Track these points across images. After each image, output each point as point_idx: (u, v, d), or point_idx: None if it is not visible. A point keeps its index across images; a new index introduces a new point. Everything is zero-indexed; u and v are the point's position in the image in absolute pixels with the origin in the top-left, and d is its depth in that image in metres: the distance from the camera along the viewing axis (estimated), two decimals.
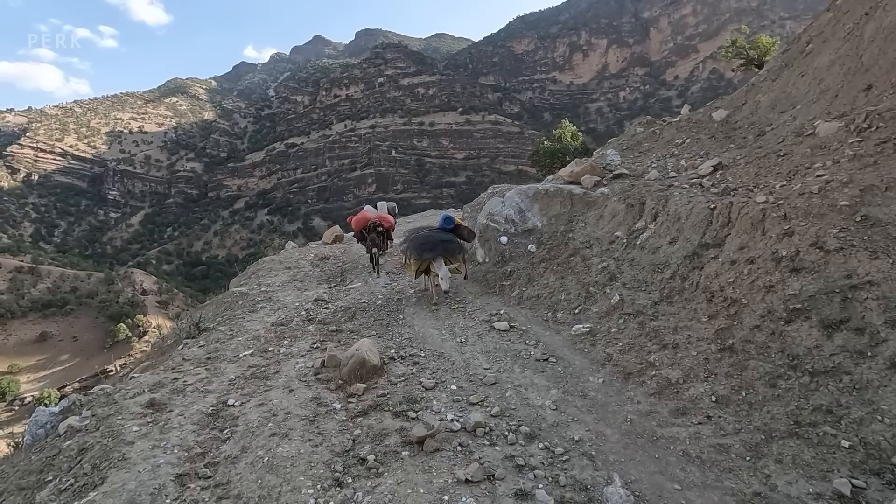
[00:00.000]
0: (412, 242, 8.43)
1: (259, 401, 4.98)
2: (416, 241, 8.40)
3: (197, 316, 8.42)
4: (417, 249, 8.20)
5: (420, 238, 8.42)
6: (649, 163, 9.92)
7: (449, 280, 7.87)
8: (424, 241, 8.27)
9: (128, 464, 3.90)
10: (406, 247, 8.59)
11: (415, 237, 8.56)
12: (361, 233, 10.41)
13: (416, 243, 8.31)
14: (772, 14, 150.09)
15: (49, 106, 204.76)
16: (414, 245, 8.33)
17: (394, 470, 3.79)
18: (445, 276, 7.79)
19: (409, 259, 8.58)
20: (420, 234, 8.59)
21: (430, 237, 8.35)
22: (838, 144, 6.31)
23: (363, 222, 10.27)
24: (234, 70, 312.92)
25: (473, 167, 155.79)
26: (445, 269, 7.89)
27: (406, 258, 8.79)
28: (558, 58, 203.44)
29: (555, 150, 20.28)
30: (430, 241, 8.21)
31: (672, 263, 6.26)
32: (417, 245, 8.26)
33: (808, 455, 3.54)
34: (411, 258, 8.46)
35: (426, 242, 8.20)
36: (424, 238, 8.36)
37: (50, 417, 5.26)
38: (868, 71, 7.65)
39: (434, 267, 8.03)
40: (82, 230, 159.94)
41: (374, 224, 10.16)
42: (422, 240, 8.32)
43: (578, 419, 4.46)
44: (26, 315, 70.73)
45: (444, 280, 7.74)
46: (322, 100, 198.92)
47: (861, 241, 4.51)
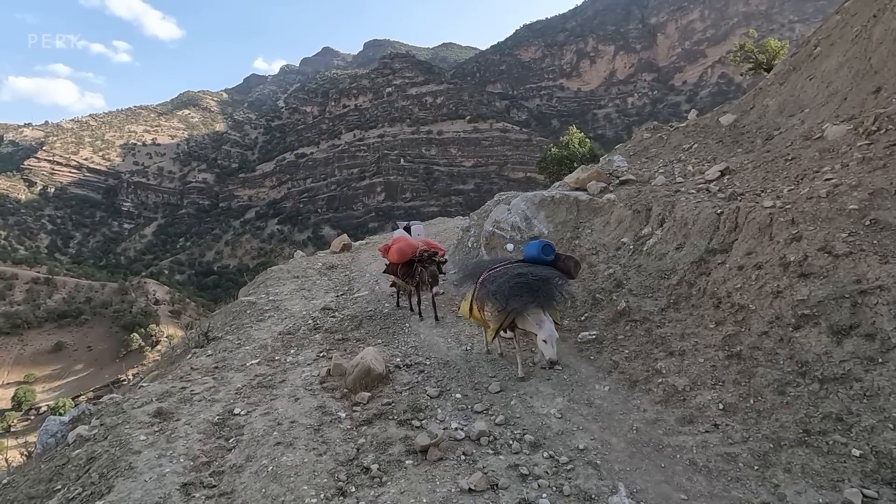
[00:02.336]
0: (492, 283, 5.46)
1: (265, 409, 5.00)
2: (497, 280, 5.44)
3: (206, 325, 8.50)
4: (501, 294, 5.25)
5: (505, 276, 5.44)
6: (656, 168, 9.88)
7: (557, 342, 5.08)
8: (513, 280, 5.29)
9: (134, 473, 3.93)
10: (480, 289, 5.64)
11: (494, 274, 5.58)
12: (407, 267, 7.73)
13: (500, 284, 5.35)
14: (780, 17, 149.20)
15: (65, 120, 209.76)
16: (496, 287, 5.36)
17: (397, 479, 3.78)
18: (552, 337, 4.93)
19: (484, 308, 5.59)
20: (503, 270, 5.58)
21: (521, 275, 5.34)
22: (847, 148, 6.24)
23: (411, 251, 7.62)
24: (245, 82, 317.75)
25: (482, 175, 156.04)
26: (551, 327, 5.05)
27: (476, 305, 5.71)
28: (565, 65, 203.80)
29: (562, 156, 20.25)
30: (523, 282, 5.25)
31: (679, 269, 6.20)
32: (502, 287, 5.30)
33: (817, 464, 3.47)
34: (488, 306, 5.49)
35: (518, 284, 5.24)
36: (513, 276, 5.35)
37: (60, 427, 5.33)
38: (877, 73, 7.57)
39: (529, 321, 5.16)
40: (97, 241, 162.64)
41: (430, 253, 7.38)
42: (508, 279, 5.35)
43: (584, 428, 4.42)
44: (42, 325, 71.92)
45: (551, 343, 4.92)
46: (331, 110, 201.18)
47: (870, 246, 4.44)
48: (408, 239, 8.20)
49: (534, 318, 5.13)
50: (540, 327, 5.02)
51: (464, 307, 6.20)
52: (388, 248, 8.24)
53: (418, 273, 7.44)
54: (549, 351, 4.95)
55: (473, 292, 5.87)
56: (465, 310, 6.18)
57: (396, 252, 7.89)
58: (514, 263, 5.75)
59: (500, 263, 5.88)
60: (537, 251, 5.68)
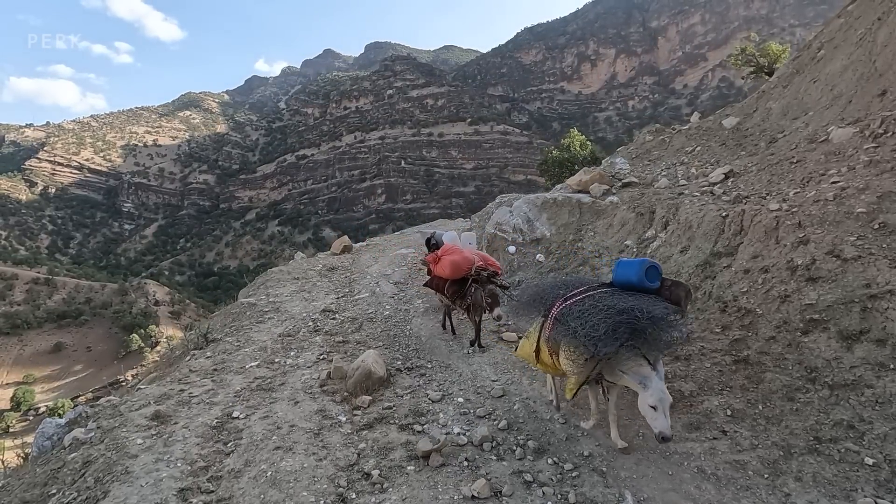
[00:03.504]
0: (576, 318, 3.93)
1: (264, 413, 4.93)
2: (584, 315, 3.90)
3: (205, 327, 8.43)
4: (593, 336, 3.69)
5: (594, 309, 3.88)
6: (659, 171, 9.82)
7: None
8: (613, 317, 3.69)
9: (130, 477, 3.86)
10: (556, 327, 4.14)
11: (577, 306, 4.05)
12: (458, 285, 6.50)
13: (589, 321, 3.80)
14: (781, 21, 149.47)
15: (66, 121, 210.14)
16: (583, 325, 3.82)
17: (398, 485, 3.71)
18: (664, 401, 3.46)
19: (559, 351, 4.13)
20: (588, 300, 4.04)
21: (624, 311, 3.70)
22: (853, 150, 6.18)
23: (467, 267, 6.38)
24: (247, 84, 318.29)
25: (482, 177, 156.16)
26: (662, 386, 3.52)
27: (548, 347, 4.28)
28: (566, 68, 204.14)
29: (563, 159, 20.19)
30: (626, 321, 3.64)
31: (683, 272, 6.14)
32: (595, 325, 3.73)
33: (829, 472, 3.40)
34: (567, 350, 4.01)
35: (620, 323, 3.64)
36: (610, 311, 3.76)
37: (56, 429, 5.25)
38: (882, 76, 7.52)
39: (628, 377, 3.68)
40: (97, 242, 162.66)
41: (490, 272, 6.34)
42: (604, 315, 3.77)
43: (588, 433, 4.34)
44: (42, 326, 71.85)
45: (663, 411, 3.43)
46: (332, 112, 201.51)
47: (880, 249, 4.38)
48: (463, 251, 6.82)
49: (635, 373, 3.60)
50: (645, 386, 3.51)
51: (525, 348, 4.72)
52: (438, 258, 6.87)
53: (472, 293, 6.27)
54: (659, 422, 3.38)
55: (542, 328, 4.40)
56: (526, 352, 4.68)
57: (450, 266, 6.49)
58: (601, 290, 4.16)
59: (580, 289, 4.25)
60: (638, 275, 4.03)
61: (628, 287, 4.13)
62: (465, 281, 6.42)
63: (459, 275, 6.47)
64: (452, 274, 6.52)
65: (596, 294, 4.11)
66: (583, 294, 4.18)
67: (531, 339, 4.61)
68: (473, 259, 6.49)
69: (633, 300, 3.82)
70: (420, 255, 12.76)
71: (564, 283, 4.69)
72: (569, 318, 4.00)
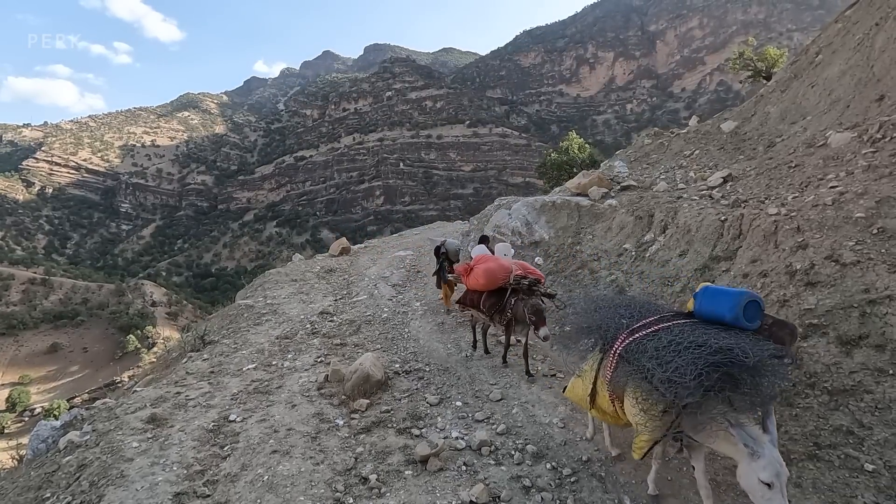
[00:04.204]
0: (652, 357, 3.12)
1: (261, 416, 4.90)
2: (660, 352, 3.10)
3: (202, 329, 8.39)
4: (676, 382, 2.86)
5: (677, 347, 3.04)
6: (658, 174, 9.83)
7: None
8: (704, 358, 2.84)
9: (126, 481, 3.82)
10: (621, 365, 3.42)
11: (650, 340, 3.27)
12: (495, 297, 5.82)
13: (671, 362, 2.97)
14: (779, 26, 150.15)
15: (64, 121, 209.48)
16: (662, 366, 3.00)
17: (396, 490, 3.68)
18: (781, 476, 2.60)
19: (625, 396, 3.39)
20: (665, 334, 3.23)
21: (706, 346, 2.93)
22: (851, 155, 6.19)
23: (503, 276, 5.73)
24: (245, 85, 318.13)
25: (481, 179, 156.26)
26: (776, 454, 2.67)
27: (608, 389, 3.55)
28: (565, 71, 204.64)
29: (562, 162, 20.19)
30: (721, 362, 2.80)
31: (682, 276, 6.14)
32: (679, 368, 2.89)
33: (828, 479, 3.39)
34: (635, 395, 3.24)
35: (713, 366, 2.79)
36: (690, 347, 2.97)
37: (51, 432, 5.21)
38: (880, 81, 7.54)
39: (727, 439, 2.80)
40: (94, 242, 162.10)
41: (531, 281, 5.60)
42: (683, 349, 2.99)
43: (587, 438, 4.33)
44: (38, 326, 71.46)
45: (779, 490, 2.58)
46: (331, 113, 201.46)
47: (878, 255, 4.38)
48: (498, 259, 6.17)
49: (738, 434, 2.67)
50: (753, 453, 2.62)
51: (576, 389, 3.97)
52: (470, 269, 6.22)
53: (511, 306, 5.54)
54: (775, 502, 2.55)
55: (600, 366, 3.64)
56: (578, 394, 3.93)
57: (484, 275, 5.80)
58: (679, 321, 3.33)
59: (650, 318, 3.48)
60: (733, 312, 3.13)
61: (717, 322, 3.25)
62: (504, 292, 5.73)
63: (496, 284, 5.77)
64: (487, 284, 5.81)
65: (674, 326, 3.26)
66: (655, 325, 3.35)
67: (585, 379, 3.84)
68: (511, 266, 5.80)
69: (729, 337, 2.97)
70: (419, 258, 12.74)
71: (626, 307, 3.81)
72: (640, 356, 3.16)
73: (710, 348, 2.89)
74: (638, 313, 3.65)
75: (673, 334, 3.16)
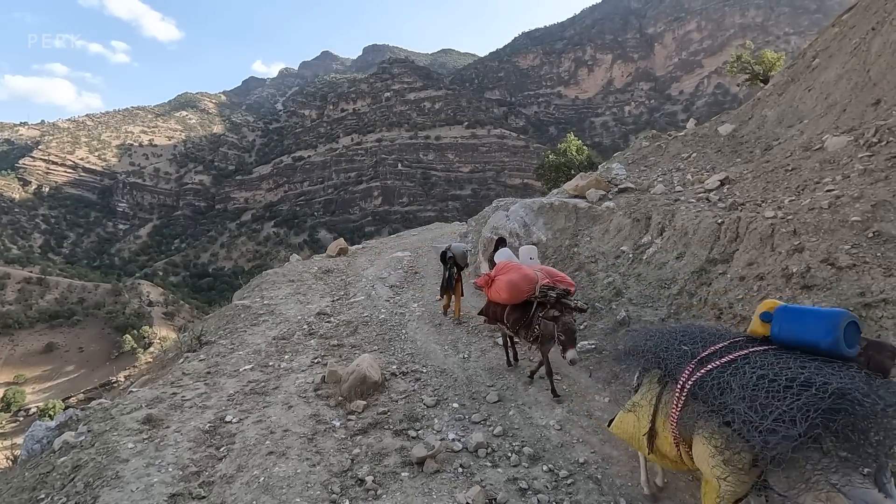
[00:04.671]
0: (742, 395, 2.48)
1: (257, 417, 4.89)
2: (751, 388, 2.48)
3: (199, 329, 8.37)
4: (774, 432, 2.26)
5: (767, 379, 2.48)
6: (655, 177, 9.85)
7: None
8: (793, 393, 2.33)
9: (121, 482, 3.81)
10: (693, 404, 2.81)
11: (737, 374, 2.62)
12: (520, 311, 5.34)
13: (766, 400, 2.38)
14: (776, 30, 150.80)
15: (61, 119, 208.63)
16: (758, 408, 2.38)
17: (392, 492, 3.68)
18: None
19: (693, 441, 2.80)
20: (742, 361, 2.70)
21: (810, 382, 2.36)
22: (848, 159, 6.22)
23: (528, 288, 5.20)
24: (244, 84, 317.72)
25: (479, 180, 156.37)
26: None
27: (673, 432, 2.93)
28: (563, 73, 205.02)
29: (560, 163, 20.22)
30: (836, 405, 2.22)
31: (679, 279, 6.15)
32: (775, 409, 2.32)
33: None
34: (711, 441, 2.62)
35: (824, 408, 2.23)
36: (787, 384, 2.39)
37: (46, 432, 5.18)
38: (876, 85, 7.58)
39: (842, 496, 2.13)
40: (91, 242, 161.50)
41: (560, 292, 5.13)
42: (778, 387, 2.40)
43: (584, 440, 4.33)
44: (33, 326, 71.12)
45: None
46: (329, 114, 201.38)
47: (874, 258, 4.40)
48: (522, 268, 5.49)
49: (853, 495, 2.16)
50: None
51: (625, 425, 3.34)
52: (491, 279, 5.68)
53: (539, 323, 5.05)
54: None
55: (658, 400, 3.07)
56: (629, 432, 3.30)
57: (507, 287, 5.28)
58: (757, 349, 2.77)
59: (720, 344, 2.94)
60: (832, 336, 2.59)
61: (806, 348, 2.66)
62: (529, 305, 5.24)
63: (520, 297, 5.25)
64: (511, 297, 5.29)
65: (753, 356, 2.69)
66: (728, 354, 2.80)
67: (641, 416, 3.17)
68: (536, 276, 5.22)
69: (832, 371, 2.42)
70: (417, 259, 12.74)
71: (687, 332, 3.22)
72: (720, 394, 2.58)
73: (820, 389, 2.29)
74: (700, 338, 3.08)
75: (760, 367, 2.57)
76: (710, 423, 2.63)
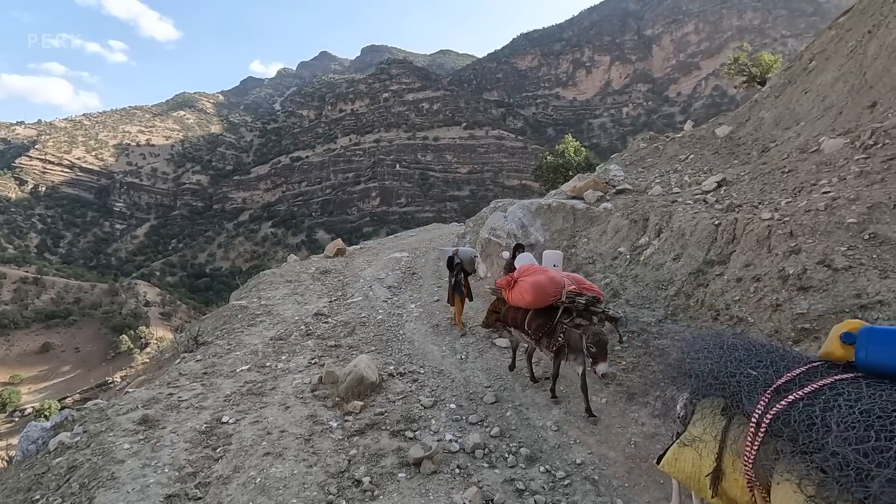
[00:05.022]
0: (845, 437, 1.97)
1: (254, 418, 4.88)
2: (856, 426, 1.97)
3: (195, 329, 8.34)
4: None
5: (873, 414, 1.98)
6: (652, 178, 9.87)
7: None
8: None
9: (116, 483, 3.79)
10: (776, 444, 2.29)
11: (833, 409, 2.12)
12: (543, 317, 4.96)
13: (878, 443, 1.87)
14: (773, 32, 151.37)
15: (58, 119, 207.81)
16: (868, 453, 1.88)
17: (389, 493, 3.68)
18: None
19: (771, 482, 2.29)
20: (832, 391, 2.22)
21: None
22: (844, 161, 6.25)
23: (554, 292, 4.87)
24: (242, 84, 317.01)
25: (477, 181, 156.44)
26: None
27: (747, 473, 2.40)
28: (562, 74, 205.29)
29: (558, 164, 20.26)
30: None
31: (676, 280, 6.16)
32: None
33: None
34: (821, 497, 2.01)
35: None
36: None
37: (42, 433, 5.16)
38: (872, 88, 7.62)
39: None
40: (87, 241, 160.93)
41: (588, 299, 4.86)
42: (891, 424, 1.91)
43: (581, 441, 4.33)
44: (29, 326, 70.84)
45: None
46: (327, 114, 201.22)
47: (870, 260, 4.42)
48: (548, 270, 5.21)
49: None
50: None
51: (683, 462, 2.82)
52: (514, 281, 5.32)
53: (564, 331, 4.66)
54: None
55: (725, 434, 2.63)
56: (685, 469, 2.80)
57: (532, 289, 4.90)
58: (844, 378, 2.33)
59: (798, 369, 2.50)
60: None
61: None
62: (554, 311, 4.90)
63: (545, 302, 4.86)
64: (535, 301, 4.90)
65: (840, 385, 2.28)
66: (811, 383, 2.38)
67: (703, 453, 2.68)
68: (563, 281, 4.90)
69: None
70: (414, 259, 12.73)
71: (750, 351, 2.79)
72: (811, 431, 2.15)
73: None
74: (769, 361, 2.63)
75: (858, 401, 2.13)
76: (798, 465, 2.17)
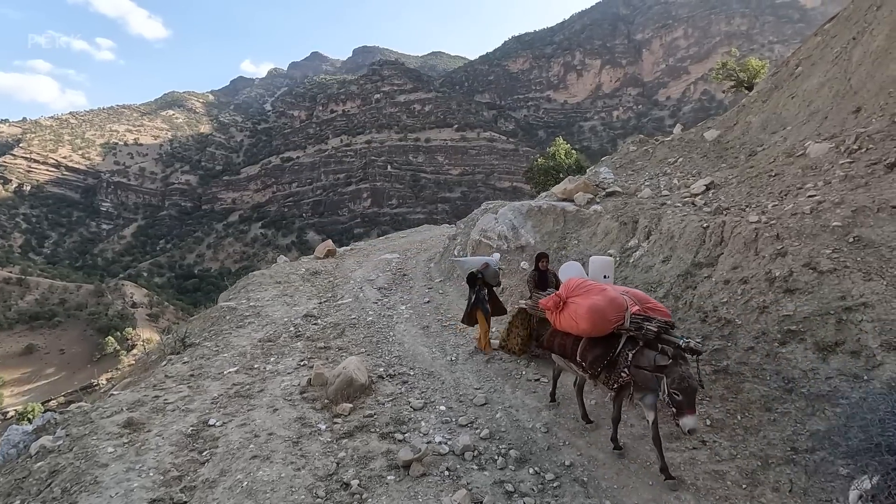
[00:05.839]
0: None
1: (241, 421, 4.82)
2: None
3: (183, 331, 8.23)
4: None
5: None
6: (642, 181, 9.95)
7: None
8: None
9: (99, 487, 3.73)
10: None
11: None
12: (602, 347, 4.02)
13: None
14: (761, 38, 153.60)
15: (44, 117, 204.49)
16: None
17: (378, 496, 3.65)
18: None
19: None
20: None
21: None
22: (829, 165, 6.34)
23: (615, 316, 3.96)
24: (232, 84, 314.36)
25: (468, 183, 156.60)
26: None
27: None
28: (553, 77, 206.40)
29: (549, 167, 20.35)
30: None
31: (665, 282, 6.20)
32: None
33: (805, 483, 3.44)
34: None
35: None
36: None
37: (23, 436, 5.05)
38: (857, 94, 7.74)
39: None
40: (73, 242, 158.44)
41: (660, 324, 3.80)
42: None
43: (570, 443, 4.34)
44: (13, 327, 69.58)
45: None
46: (318, 115, 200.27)
47: (854, 263, 4.48)
48: (606, 288, 4.18)
49: None
50: None
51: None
52: (562, 301, 4.36)
53: (629, 367, 3.75)
54: None
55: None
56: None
57: (588, 316, 3.99)
58: None
59: None
60: None
61: None
62: (615, 338, 3.98)
63: (605, 329, 3.96)
64: (593, 328, 3.98)
65: None
66: None
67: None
68: (624, 301, 3.98)
69: None
70: (405, 261, 12.69)
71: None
72: None
73: None
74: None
75: None
76: None
